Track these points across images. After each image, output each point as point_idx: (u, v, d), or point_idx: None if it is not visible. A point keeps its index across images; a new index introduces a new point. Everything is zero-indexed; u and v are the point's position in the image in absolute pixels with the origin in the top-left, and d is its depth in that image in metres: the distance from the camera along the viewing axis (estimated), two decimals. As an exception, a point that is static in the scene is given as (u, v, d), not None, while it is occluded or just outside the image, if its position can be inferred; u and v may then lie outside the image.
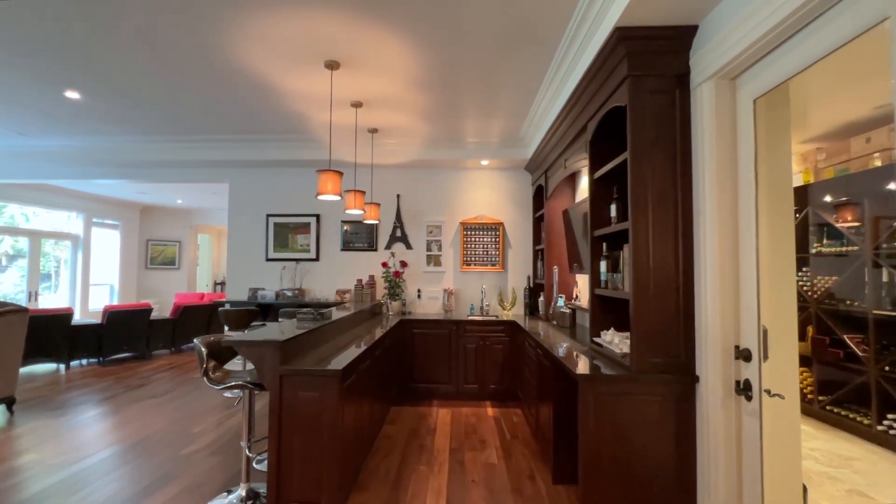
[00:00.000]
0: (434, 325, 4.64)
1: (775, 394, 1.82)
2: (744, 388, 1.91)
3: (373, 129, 4.53)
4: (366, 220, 4.29)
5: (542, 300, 4.67)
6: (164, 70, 3.23)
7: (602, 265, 2.73)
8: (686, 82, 2.19)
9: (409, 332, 4.64)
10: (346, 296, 5.22)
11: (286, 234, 5.38)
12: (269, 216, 5.39)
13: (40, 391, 4.77)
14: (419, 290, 5.31)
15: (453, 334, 4.62)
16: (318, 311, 3.21)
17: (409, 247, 5.35)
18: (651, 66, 2.21)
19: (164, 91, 3.61)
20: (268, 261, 5.40)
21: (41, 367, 5.86)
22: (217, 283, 11.06)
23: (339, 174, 3.10)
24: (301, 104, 3.87)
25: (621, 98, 2.32)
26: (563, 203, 4.45)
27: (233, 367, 2.80)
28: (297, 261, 5.37)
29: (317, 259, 5.36)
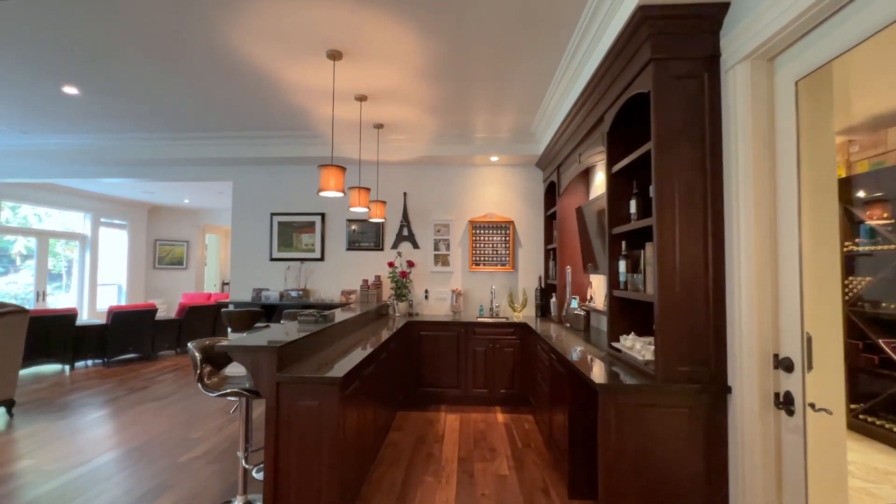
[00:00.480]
0: (442, 326, 4.48)
1: (820, 408, 1.63)
2: (784, 402, 1.73)
3: (378, 125, 4.38)
4: (371, 219, 4.15)
5: (554, 301, 4.49)
6: (161, 63, 3.11)
7: (621, 265, 2.55)
8: (716, 65, 2.01)
9: (416, 334, 4.48)
10: (352, 296, 5.08)
11: (290, 233, 5.25)
12: (273, 215, 5.27)
13: (42, 393, 4.70)
14: (426, 291, 5.15)
15: (462, 336, 4.45)
16: (321, 313, 3.07)
17: (416, 246, 5.19)
18: (677, 49, 2.03)
19: (163, 85, 3.50)
20: (272, 260, 5.28)
21: (46, 368, 5.80)
22: (224, 283, 11.02)
23: (341, 169, 2.96)
24: (303, 98, 3.73)
25: (644, 84, 2.14)
26: (576, 200, 4.26)
27: (232, 372, 2.67)
28: (302, 260, 5.24)
29: (322, 259, 5.23)
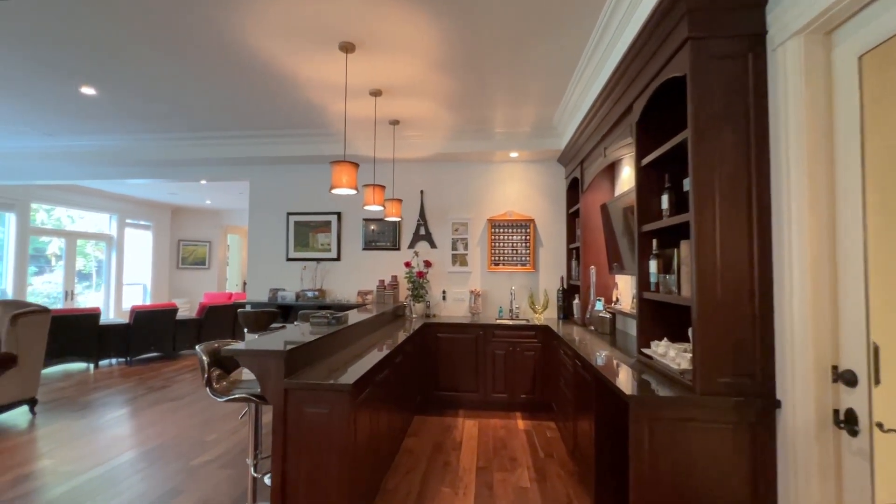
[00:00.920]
0: (460, 328, 4.34)
1: (890, 429, 1.42)
2: (846, 421, 1.52)
3: (394, 121, 4.27)
4: (387, 218, 4.04)
5: (577, 303, 4.29)
6: (173, 61, 3.07)
7: (651, 265, 2.36)
8: (762, 43, 1.81)
9: (434, 336, 4.35)
10: (368, 297, 4.99)
11: (307, 232, 5.20)
12: (289, 214, 5.23)
13: (66, 391, 4.76)
14: (444, 292, 5.02)
15: (480, 339, 4.30)
16: (334, 316, 2.97)
17: (433, 245, 5.06)
18: (717, 26, 1.83)
19: (176, 84, 3.47)
20: (288, 260, 5.24)
21: (72, 367, 5.91)
22: (245, 283, 11.13)
23: (354, 165, 2.85)
24: (318, 94, 3.65)
25: (679, 67, 1.95)
26: (601, 197, 4.05)
27: (245, 376, 2.59)
28: (318, 260, 5.18)
29: (338, 259, 5.16)
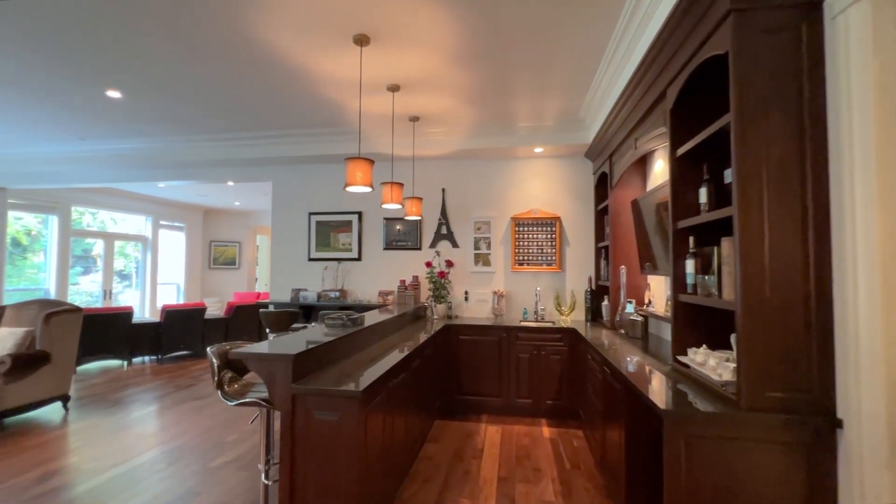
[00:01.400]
0: (482, 331, 4.19)
1: (983, 459, 1.20)
2: (926, 447, 1.30)
3: (414, 118, 4.17)
4: (407, 217, 3.94)
5: (606, 305, 4.07)
6: (193, 62, 3.06)
7: (688, 265, 2.16)
8: (818, 11, 1.59)
9: (455, 338, 4.22)
10: (389, 297, 4.91)
11: (328, 232, 5.17)
12: (311, 214, 5.22)
13: (99, 388, 4.90)
14: (466, 293, 4.88)
15: (504, 342, 4.14)
16: (350, 317, 2.89)
17: (455, 245, 4.93)
18: (765, -5, 1.63)
19: (197, 85, 3.47)
20: (310, 260, 5.22)
21: (108, 364, 6.12)
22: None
23: (369, 162, 2.75)
24: (335, 91, 3.58)
25: (720, 44, 1.75)
26: (631, 192, 3.82)
27: (256, 378, 2.54)
28: (339, 260, 5.15)
29: (359, 258, 5.11)
